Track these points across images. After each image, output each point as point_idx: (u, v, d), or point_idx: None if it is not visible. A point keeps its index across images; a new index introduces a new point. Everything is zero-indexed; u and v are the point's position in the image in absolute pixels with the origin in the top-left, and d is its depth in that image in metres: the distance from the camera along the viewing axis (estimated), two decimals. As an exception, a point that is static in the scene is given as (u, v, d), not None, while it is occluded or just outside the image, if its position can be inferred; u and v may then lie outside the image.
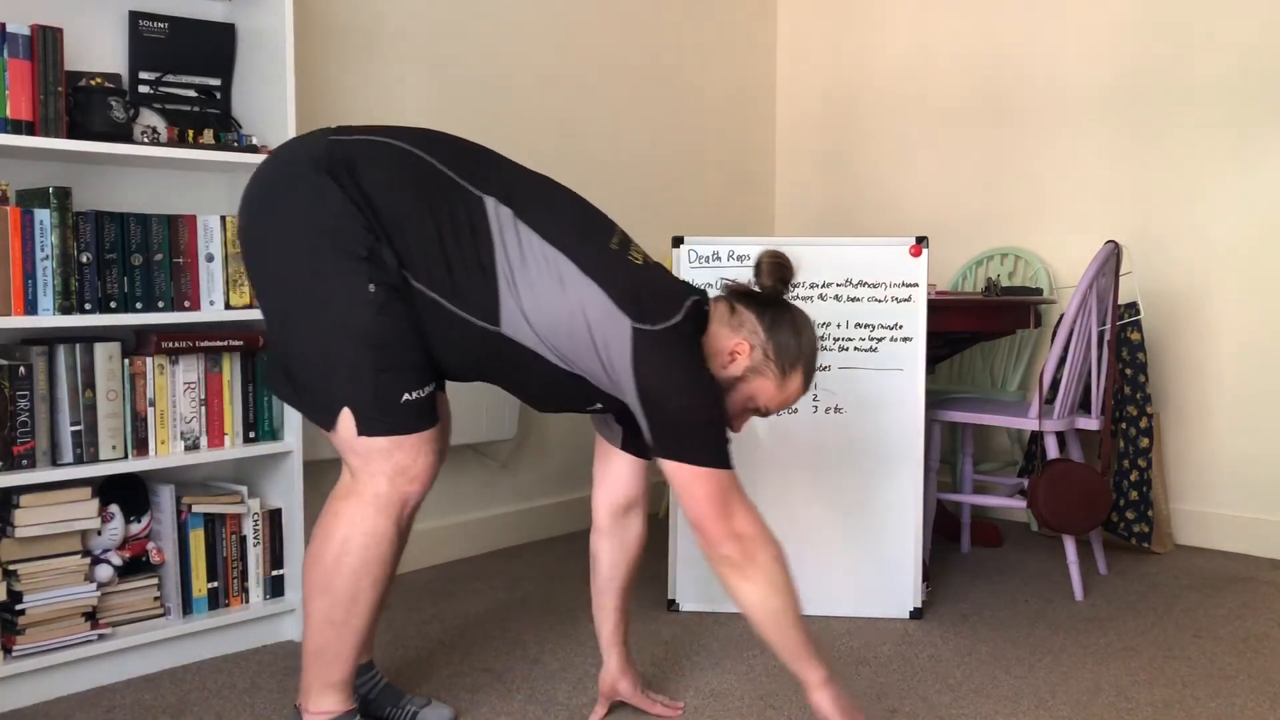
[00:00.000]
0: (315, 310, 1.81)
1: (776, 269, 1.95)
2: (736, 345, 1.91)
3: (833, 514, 2.82)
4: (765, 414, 1.98)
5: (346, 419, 1.83)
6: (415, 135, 1.89)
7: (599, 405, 1.98)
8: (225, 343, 2.50)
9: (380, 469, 1.85)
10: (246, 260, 1.91)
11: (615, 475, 2.14)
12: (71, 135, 2.28)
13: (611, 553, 2.17)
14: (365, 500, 1.86)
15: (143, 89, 2.54)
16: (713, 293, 2.13)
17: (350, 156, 1.81)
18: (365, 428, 1.82)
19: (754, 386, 1.93)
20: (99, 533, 2.36)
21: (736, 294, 1.97)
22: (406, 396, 1.83)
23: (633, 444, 2.09)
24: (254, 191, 1.88)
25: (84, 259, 2.28)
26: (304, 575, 1.90)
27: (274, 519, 2.62)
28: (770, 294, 1.96)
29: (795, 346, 1.93)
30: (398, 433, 1.83)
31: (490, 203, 1.84)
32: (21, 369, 2.20)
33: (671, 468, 1.85)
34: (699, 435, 1.85)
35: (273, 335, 1.90)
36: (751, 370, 1.91)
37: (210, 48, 2.62)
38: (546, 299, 1.82)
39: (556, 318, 1.83)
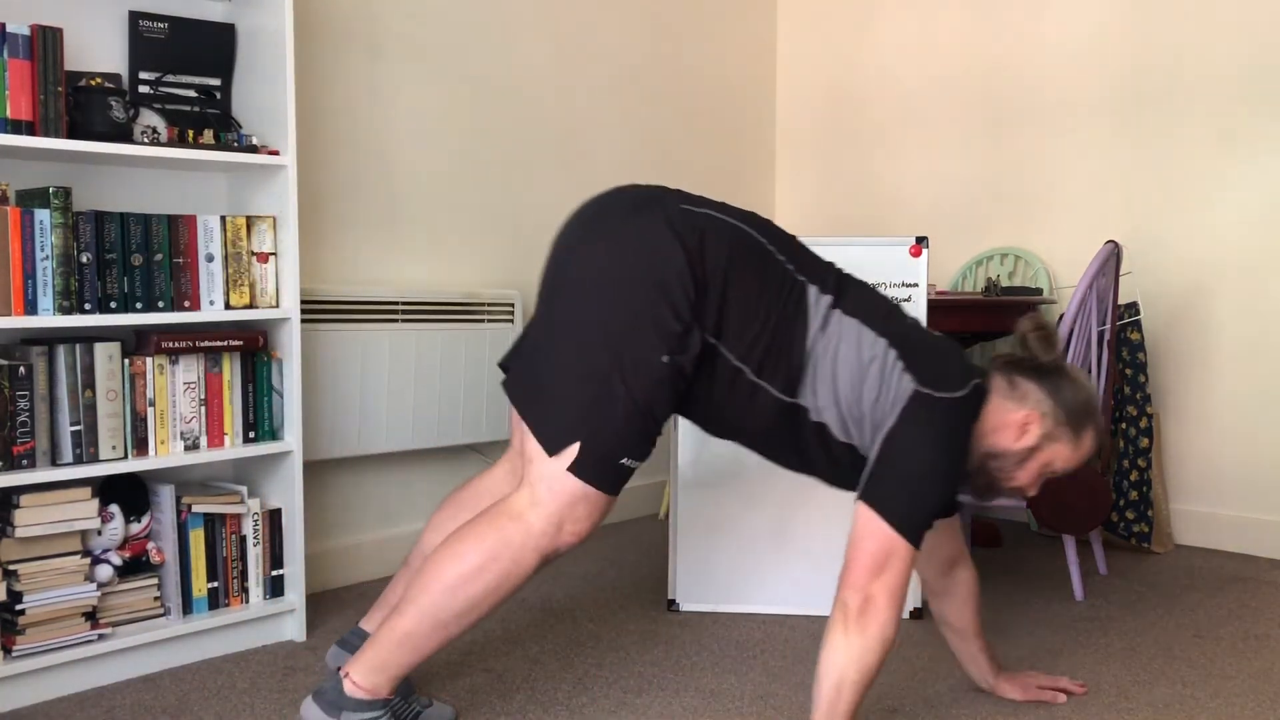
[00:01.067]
0: (605, 347, 1.84)
1: (1044, 342, 1.99)
2: (1027, 418, 1.95)
3: (833, 514, 2.82)
4: (1061, 474, 2.03)
5: (571, 452, 1.84)
6: (751, 219, 1.97)
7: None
8: (225, 343, 2.50)
9: (560, 510, 1.86)
10: (561, 264, 1.93)
11: (933, 539, 2.21)
12: (71, 135, 2.28)
13: (956, 608, 2.26)
14: (530, 531, 1.87)
15: (143, 89, 2.54)
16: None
17: (701, 229, 1.87)
18: (578, 467, 1.84)
19: (1050, 453, 1.98)
20: (99, 533, 2.36)
21: (1012, 366, 2.01)
22: (625, 460, 1.87)
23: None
24: (602, 212, 1.92)
25: (84, 259, 2.28)
26: (438, 561, 1.89)
27: (274, 519, 2.62)
28: (1042, 362, 2.00)
29: (1082, 407, 1.97)
30: (597, 486, 1.86)
31: (812, 290, 1.93)
32: (21, 369, 2.20)
33: (866, 513, 1.86)
34: (914, 501, 1.86)
35: (542, 335, 1.92)
36: (1045, 438, 1.96)
37: (210, 48, 2.62)
38: (846, 371, 1.89)
39: (851, 387, 1.89)
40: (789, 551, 2.84)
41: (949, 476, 1.90)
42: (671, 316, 1.82)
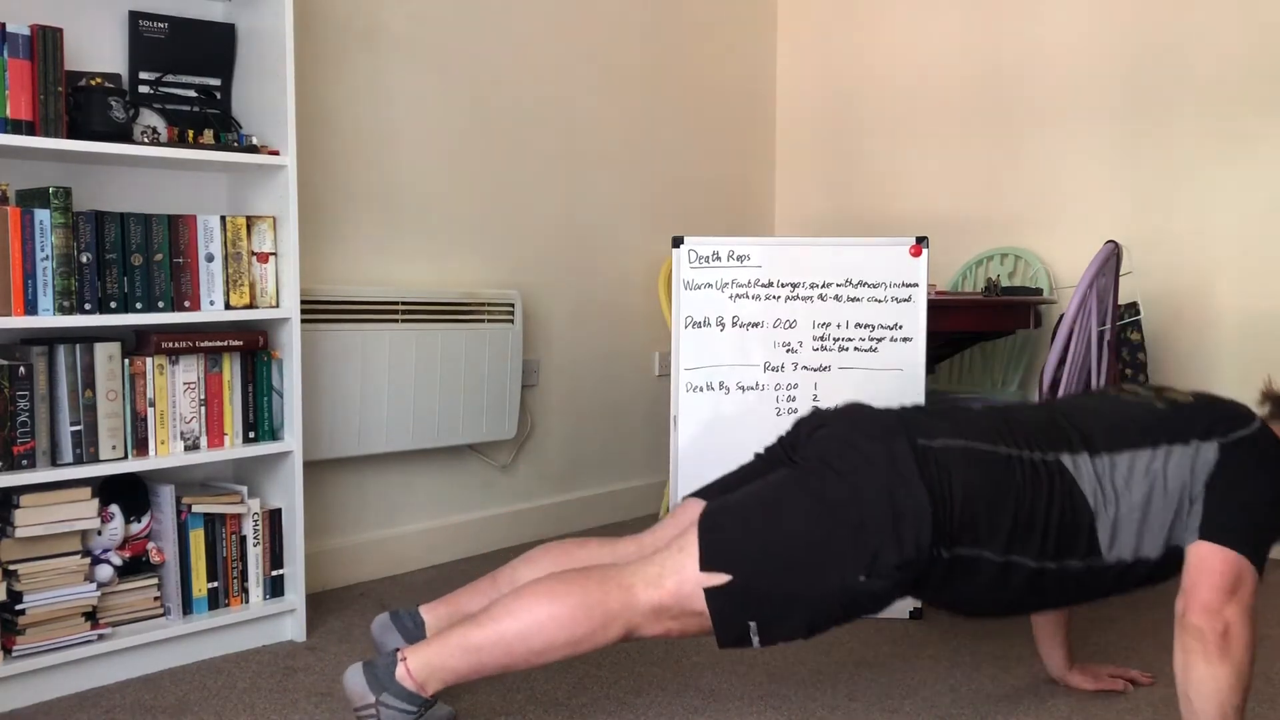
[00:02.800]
0: (819, 532, 1.85)
1: None
2: None
3: (833, 514, 2.82)
4: None
5: (720, 578, 1.85)
6: (977, 428, 1.95)
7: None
8: (225, 343, 2.50)
9: (671, 604, 1.87)
10: (814, 451, 1.96)
11: None
12: (71, 135, 2.28)
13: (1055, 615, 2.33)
14: (631, 605, 1.87)
15: (143, 89, 2.54)
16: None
17: (944, 465, 1.87)
18: (712, 598, 1.85)
19: None
20: (99, 533, 2.36)
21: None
22: (751, 625, 1.87)
23: None
24: (859, 429, 1.95)
25: (84, 259, 2.28)
26: (535, 594, 1.89)
27: (274, 519, 2.62)
28: None
29: None
30: (713, 619, 1.87)
31: (1065, 459, 1.91)
32: (21, 369, 2.20)
33: (1205, 546, 1.85)
34: (1252, 525, 1.86)
35: (773, 487, 1.95)
36: None
37: (210, 48, 2.62)
38: (1142, 499, 1.88)
39: (1155, 508, 1.89)
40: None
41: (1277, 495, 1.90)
42: (893, 547, 1.82)
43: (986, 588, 1.90)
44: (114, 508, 2.38)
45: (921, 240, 2.75)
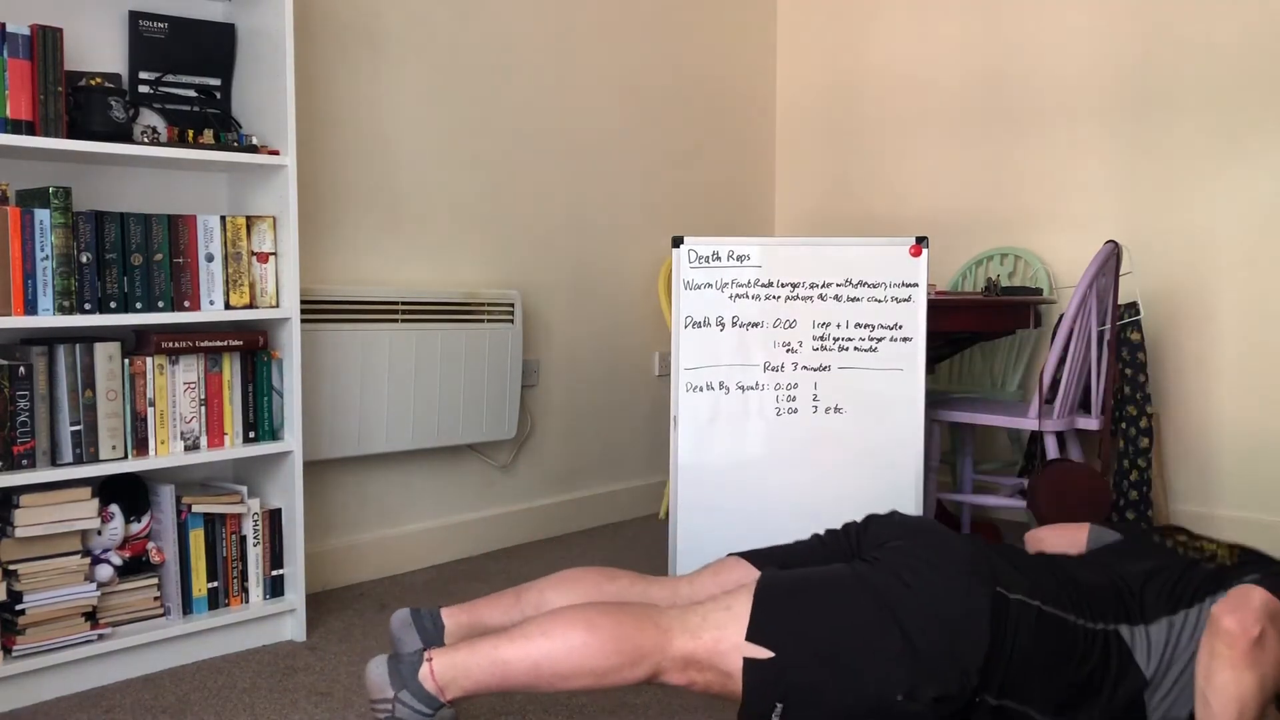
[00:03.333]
0: (871, 635, 1.84)
1: None
2: None
3: (833, 514, 2.82)
4: None
5: (760, 652, 1.84)
6: (1048, 588, 1.93)
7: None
8: (225, 343, 2.50)
9: (703, 658, 1.85)
10: (889, 556, 1.95)
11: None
12: (71, 135, 2.28)
13: None
14: (664, 650, 1.86)
15: (143, 89, 2.54)
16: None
17: (1016, 624, 1.86)
18: (750, 667, 1.83)
19: None
20: (99, 533, 2.36)
21: None
22: (778, 706, 1.85)
23: None
24: (944, 547, 1.95)
25: (84, 259, 2.28)
26: (572, 621, 1.89)
27: (274, 519, 2.62)
28: None
29: None
30: (744, 691, 1.85)
31: (1123, 630, 1.91)
32: (21, 369, 2.20)
33: (1252, 587, 1.83)
34: None
35: (837, 576, 1.94)
36: None
37: (210, 48, 2.62)
38: (1190, 659, 1.87)
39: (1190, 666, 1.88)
40: (789, 551, 2.84)
41: None
42: (936, 679, 1.81)
43: None
44: (114, 508, 2.38)
45: (921, 240, 2.75)
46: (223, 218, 2.50)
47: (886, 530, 2.06)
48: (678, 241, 2.82)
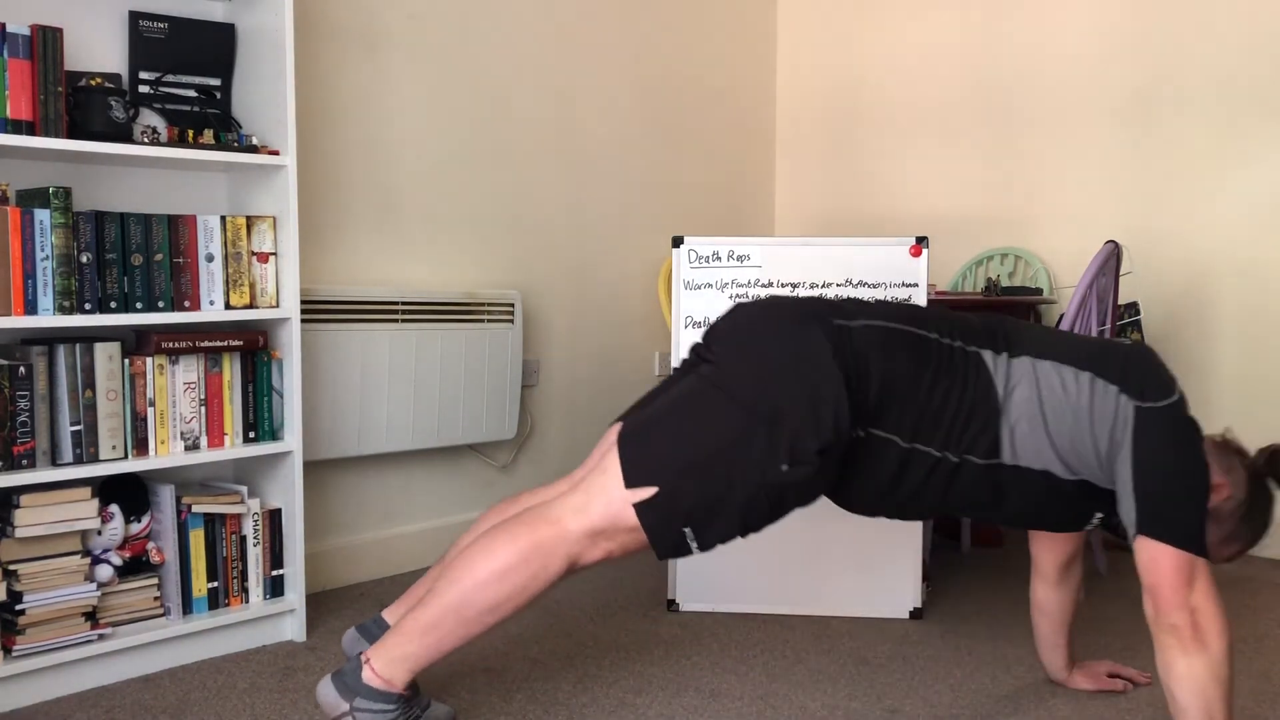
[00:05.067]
0: (737, 429, 1.84)
1: None
2: (1220, 483, 1.94)
3: (833, 514, 2.82)
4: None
5: (646, 492, 1.84)
6: (904, 313, 1.97)
7: (1098, 516, 2.01)
8: (225, 343, 2.50)
9: (602, 525, 1.86)
10: (723, 351, 1.94)
11: (1063, 535, 2.25)
12: (71, 135, 2.28)
13: (1061, 599, 2.31)
14: (565, 537, 1.87)
15: (143, 89, 2.54)
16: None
17: (863, 344, 1.88)
18: (644, 512, 1.84)
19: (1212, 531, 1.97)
20: (99, 533, 2.36)
21: (1233, 445, 2.02)
22: (686, 532, 1.86)
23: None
24: (770, 313, 1.94)
25: (84, 259, 2.28)
26: (469, 557, 1.89)
27: (274, 519, 2.62)
28: (1261, 467, 2.00)
29: (1253, 529, 1.99)
30: (648, 535, 1.86)
31: (987, 354, 1.93)
32: (21, 369, 2.20)
33: (1149, 543, 1.86)
34: (1180, 513, 1.87)
35: (678, 398, 1.93)
36: (1213, 511, 1.93)
37: (210, 48, 2.62)
38: (1054, 413, 1.89)
39: (1066, 426, 1.89)
40: (789, 551, 2.84)
41: (1200, 473, 1.90)
42: (812, 433, 1.81)
43: (889, 477, 1.90)
44: (114, 508, 2.38)
45: (921, 240, 2.76)
46: (223, 218, 2.50)
47: (721, 324, 2.02)
48: (678, 241, 2.82)
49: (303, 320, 2.81)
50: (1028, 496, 1.95)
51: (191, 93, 2.61)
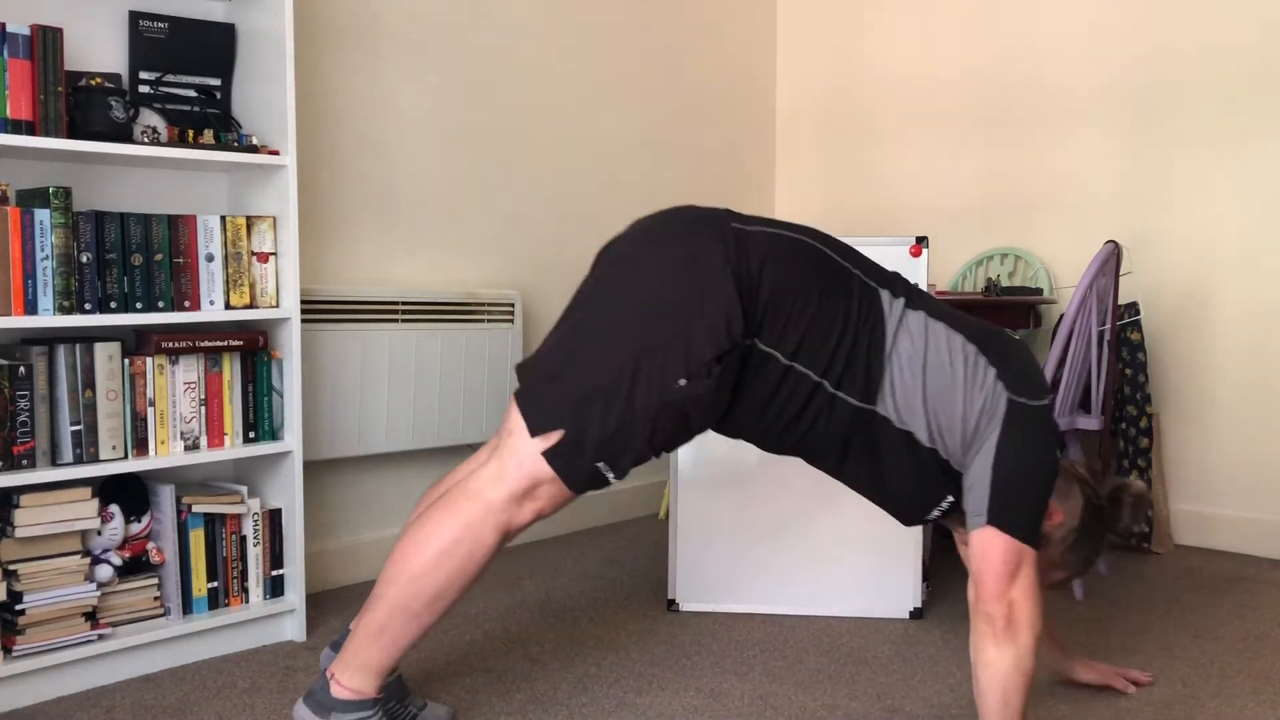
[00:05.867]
0: (628, 353, 1.82)
1: (1136, 511, 2.01)
2: (1054, 509, 1.96)
3: (833, 514, 2.82)
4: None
5: (552, 437, 1.83)
6: (808, 230, 1.96)
7: (946, 504, 2.00)
8: (225, 343, 2.50)
9: (521, 487, 1.86)
10: (606, 272, 1.92)
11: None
12: (71, 135, 2.28)
13: None
14: (489, 508, 1.86)
15: (143, 89, 2.54)
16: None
17: (758, 250, 1.85)
18: (554, 457, 1.84)
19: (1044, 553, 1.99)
20: (99, 533, 2.36)
21: (1079, 475, 2.03)
22: (599, 465, 1.86)
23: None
24: (656, 228, 1.91)
25: (84, 259, 2.28)
26: (398, 553, 1.89)
27: (274, 519, 2.62)
28: (1101, 500, 2.01)
29: (1082, 559, 2.01)
30: (564, 479, 1.86)
31: (884, 294, 1.92)
32: (21, 369, 2.20)
33: (986, 533, 1.87)
34: (1026, 509, 1.88)
35: (569, 333, 1.90)
36: (1044, 536, 1.95)
37: (210, 48, 2.62)
38: (933, 374, 1.88)
39: (937, 392, 1.88)
40: (789, 551, 2.84)
41: (1051, 479, 1.91)
42: (705, 342, 1.79)
43: (764, 397, 1.86)
44: (114, 508, 2.38)
45: (921, 240, 2.75)
46: (223, 218, 2.50)
47: (611, 243, 1.98)
48: (678, 241, 2.82)
49: (303, 320, 2.82)
50: (884, 456, 1.92)
51: (191, 93, 2.61)
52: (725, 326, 1.79)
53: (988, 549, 1.86)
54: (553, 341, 1.93)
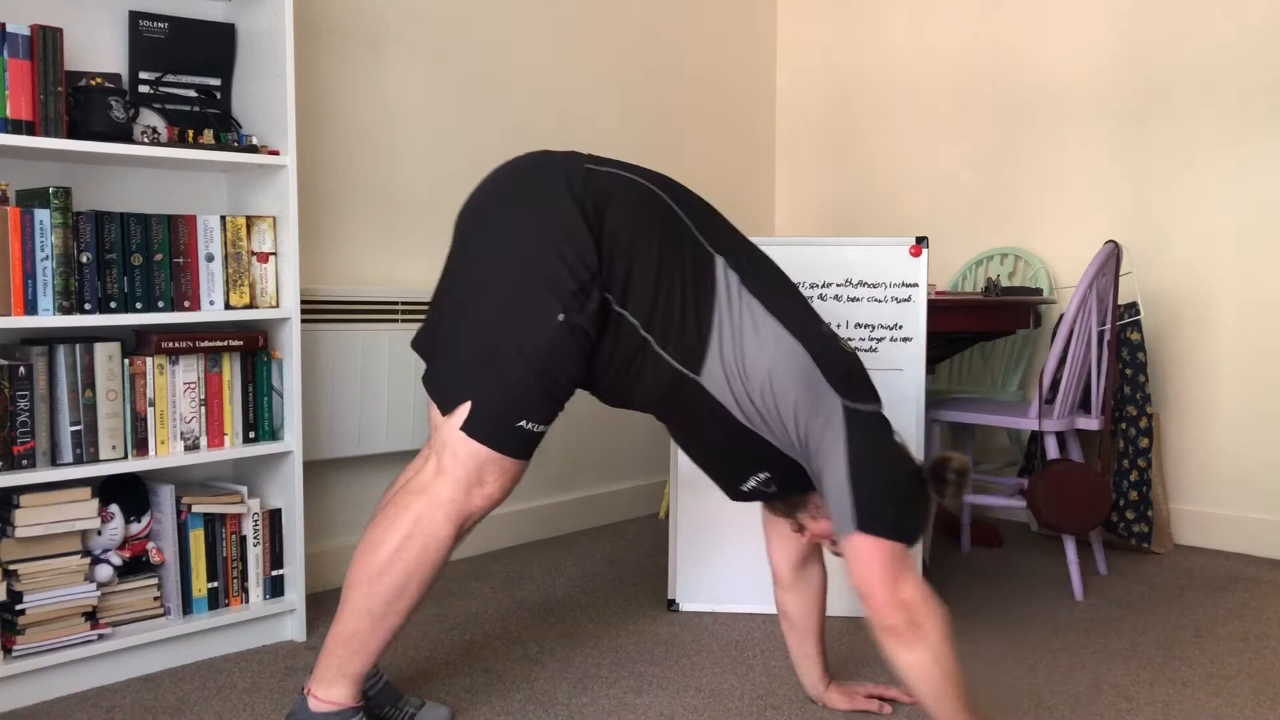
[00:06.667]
0: (501, 310, 1.83)
1: (960, 478, 1.99)
2: None
3: (833, 514, 2.82)
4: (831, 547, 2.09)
5: (463, 412, 1.83)
6: (661, 180, 1.94)
7: (761, 476, 2.00)
8: (225, 343, 2.50)
9: (465, 476, 1.85)
10: (465, 229, 1.92)
11: (790, 535, 2.21)
12: (71, 135, 2.28)
13: (801, 605, 2.25)
14: (439, 503, 1.86)
15: (143, 89, 2.54)
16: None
17: (604, 189, 1.85)
18: (472, 429, 1.83)
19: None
20: (99, 533, 2.36)
21: (898, 451, 2.01)
22: (524, 424, 1.85)
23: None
24: (503, 180, 1.90)
25: (84, 259, 2.28)
26: (356, 558, 1.89)
27: (274, 519, 2.62)
28: (922, 474, 2.00)
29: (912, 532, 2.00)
30: (496, 449, 1.85)
31: (720, 262, 1.90)
32: (21, 369, 2.20)
33: (859, 541, 1.86)
34: (891, 508, 1.88)
35: (446, 304, 1.91)
36: None
37: (210, 48, 2.62)
38: (756, 361, 1.87)
39: (761, 381, 1.87)
40: (789, 551, 2.84)
41: (904, 471, 1.93)
42: (566, 275, 1.79)
43: (608, 345, 1.86)
44: (114, 508, 2.38)
45: (921, 240, 2.75)
46: (223, 218, 2.50)
47: (467, 200, 1.98)
48: (678, 241, 2.82)
49: (303, 320, 2.81)
50: (702, 424, 1.92)
51: (191, 93, 2.61)
52: (579, 258, 1.79)
53: (864, 557, 1.86)
54: (433, 317, 1.93)
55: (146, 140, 2.41)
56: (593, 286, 1.81)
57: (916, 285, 2.76)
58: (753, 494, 2.07)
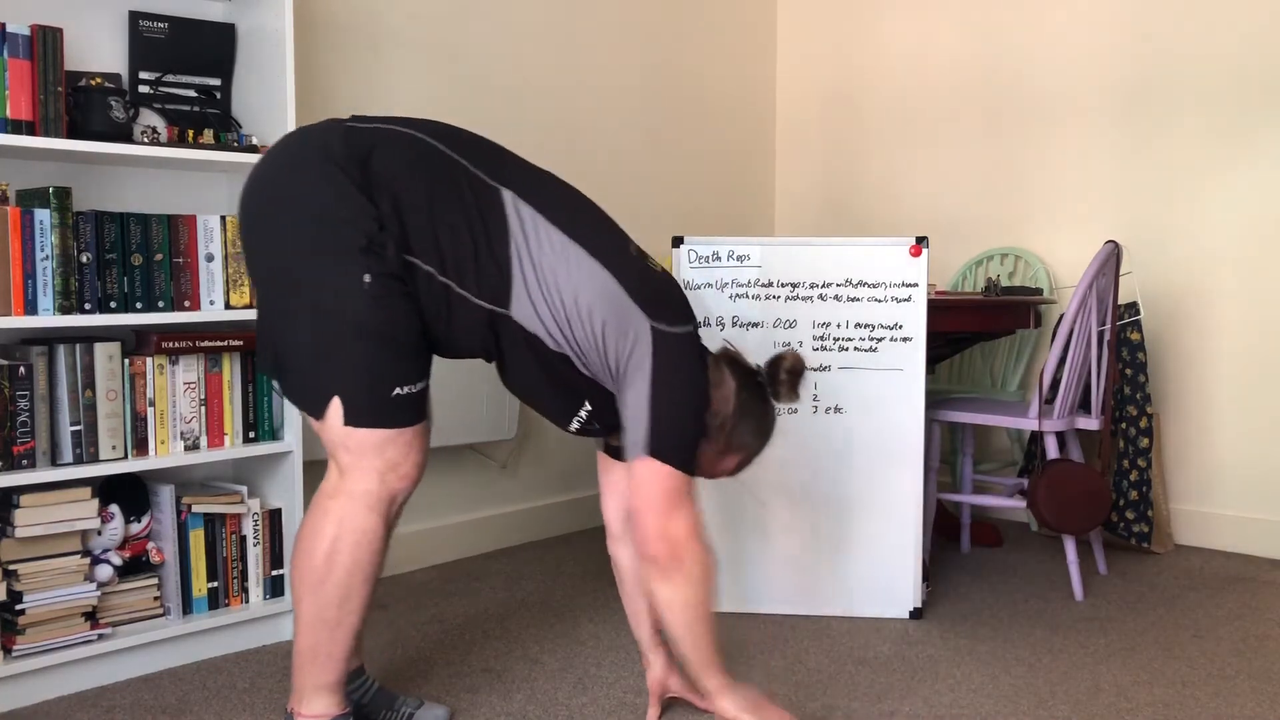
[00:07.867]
0: (310, 297, 1.81)
1: (793, 377, 1.99)
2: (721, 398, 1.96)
3: (832, 514, 2.82)
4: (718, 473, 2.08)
5: (336, 409, 1.82)
6: (432, 126, 1.91)
7: (585, 412, 1.98)
8: (225, 343, 2.50)
9: (371, 465, 1.84)
10: (245, 241, 1.90)
11: (622, 482, 2.15)
12: (71, 135, 2.28)
13: (633, 558, 2.18)
14: (355, 497, 1.85)
15: (143, 89, 2.54)
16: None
17: (365, 144, 1.83)
18: (354, 419, 1.81)
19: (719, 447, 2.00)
20: (99, 533, 2.36)
21: (729, 358, 2.02)
22: (398, 390, 1.83)
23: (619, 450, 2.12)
24: (259, 174, 1.88)
25: (84, 259, 2.28)
26: (293, 574, 1.89)
27: (274, 519, 2.62)
28: (759, 378, 2.02)
29: (751, 436, 2.01)
30: (387, 426, 1.83)
31: (507, 194, 1.87)
32: (21, 369, 2.20)
33: (644, 463, 1.87)
34: (685, 438, 1.90)
35: (265, 320, 1.90)
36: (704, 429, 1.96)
37: (210, 48, 2.62)
38: (561, 288, 1.85)
39: (569, 307, 1.85)
40: (789, 551, 2.84)
41: (704, 398, 1.93)
42: (351, 235, 1.77)
43: (421, 299, 1.84)
44: (114, 508, 2.38)
45: (921, 240, 2.75)
46: (223, 217, 2.50)
47: (240, 209, 1.97)
48: (678, 241, 2.82)
49: (303, 320, 2.81)
50: (519, 358, 1.91)
51: (191, 93, 2.61)
52: (358, 215, 1.77)
53: (649, 479, 1.87)
54: (265, 338, 1.90)
55: (146, 140, 2.41)
56: (383, 237, 1.78)
57: (916, 285, 2.76)
58: (582, 430, 2.03)
